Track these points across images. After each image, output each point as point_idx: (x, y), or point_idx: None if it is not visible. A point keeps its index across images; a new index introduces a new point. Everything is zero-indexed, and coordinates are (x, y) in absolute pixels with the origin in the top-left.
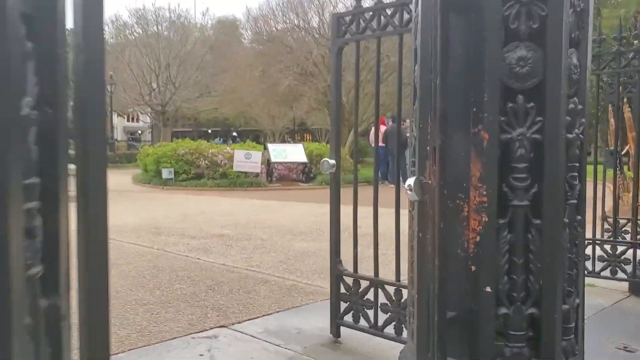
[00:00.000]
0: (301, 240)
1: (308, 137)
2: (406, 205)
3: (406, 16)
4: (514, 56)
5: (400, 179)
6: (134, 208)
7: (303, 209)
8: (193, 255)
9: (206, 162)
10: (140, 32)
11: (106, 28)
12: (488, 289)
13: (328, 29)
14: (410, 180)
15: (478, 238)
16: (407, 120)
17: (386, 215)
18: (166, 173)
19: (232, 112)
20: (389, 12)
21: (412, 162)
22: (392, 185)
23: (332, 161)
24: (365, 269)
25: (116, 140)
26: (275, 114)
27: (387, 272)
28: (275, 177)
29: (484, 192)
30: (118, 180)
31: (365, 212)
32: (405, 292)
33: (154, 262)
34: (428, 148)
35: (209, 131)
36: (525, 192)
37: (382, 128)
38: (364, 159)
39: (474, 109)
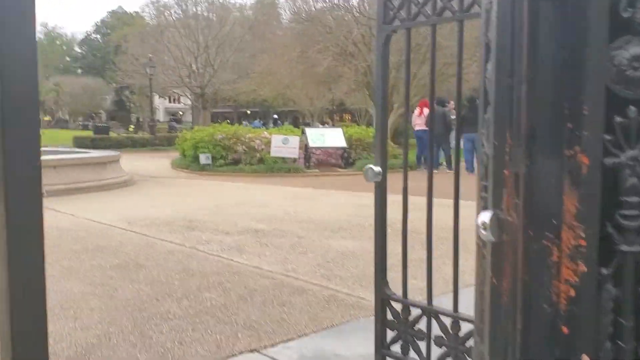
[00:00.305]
0: (340, 238)
1: (347, 117)
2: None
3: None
4: (625, 55)
5: (444, 163)
6: (170, 197)
7: (342, 199)
8: (226, 256)
9: (243, 147)
10: (180, 13)
11: (146, 9)
12: (585, 357)
13: (368, 7)
14: (485, 216)
15: (573, 292)
16: (452, 102)
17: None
18: (203, 158)
19: (270, 93)
20: None
21: (483, 187)
22: (436, 171)
23: (378, 168)
24: (413, 275)
25: (158, 121)
26: (314, 95)
27: (438, 282)
28: (313, 162)
29: (582, 234)
30: (157, 164)
31: (409, 202)
32: (464, 325)
33: (185, 263)
34: (506, 172)
35: (248, 112)
36: (637, 234)
37: (426, 111)
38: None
39: (570, 125)
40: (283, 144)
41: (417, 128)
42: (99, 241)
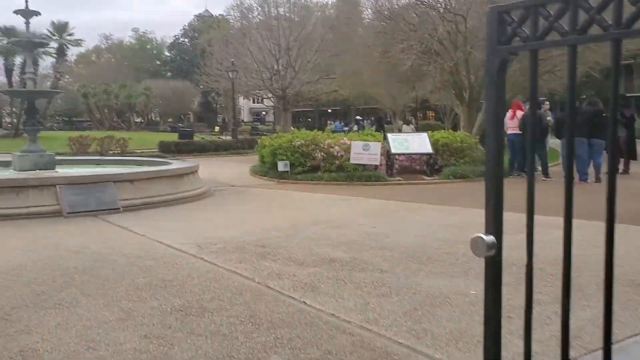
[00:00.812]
0: (430, 274)
1: (431, 115)
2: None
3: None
4: None
5: (539, 169)
6: (244, 213)
7: (429, 217)
8: (298, 297)
9: (322, 154)
10: (262, 16)
11: (231, 12)
12: None
13: (454, 3)
14: None
15: None
16: (547, 103)
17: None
18: (282, 166)
19: (352, 92)
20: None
21: None
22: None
23: (490, 238)
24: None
25: (242, 121)
26: (396, 93)
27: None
28: (396, 169)
29: None
30: (237, 171)
31: (511, 222)
32: None
33: (252, 308)
34: None
35: (329, 110)
36: None
37: (519, 113)
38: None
39: None
40: (363, 150)
41: (509, 132)
42: (165, 273)
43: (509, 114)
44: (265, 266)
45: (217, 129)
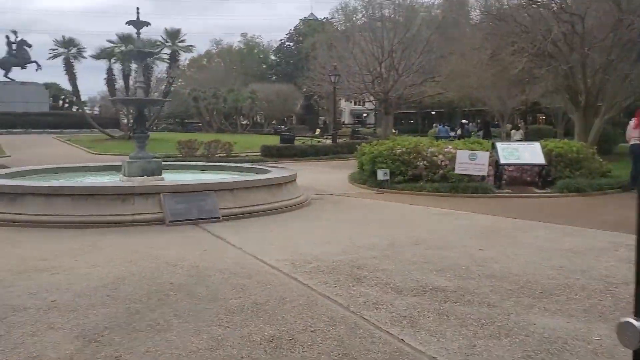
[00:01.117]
0: (544, 311)
1: (541, 119)
2: None
3: None
4: None
5: None
6: (341, 226)
7: (542, 238)
8: (395, 333)
9: (424, 162)
10: (367, 18)
11: (336, 15)
12: None
13: (571, 3)
14: None
15: None
16: None
17: None
18: (381, 174)
19: (457, 94)
20: None
21: None
22: None
23: None
24: None
25: (343, 123)
26: (505, 96)
27: None
28: (505, 180)
29: None
30: (335, 177)
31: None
32: None
33: (345, 344)
34: None
35: (433, 112)
36: None
37: None
38: (613, 150)
39: None
40: (470, 159)
41: (632, 142)
42: (258, 294)
43: (632, 122)
44: (361, 292)
45: (318, 131)
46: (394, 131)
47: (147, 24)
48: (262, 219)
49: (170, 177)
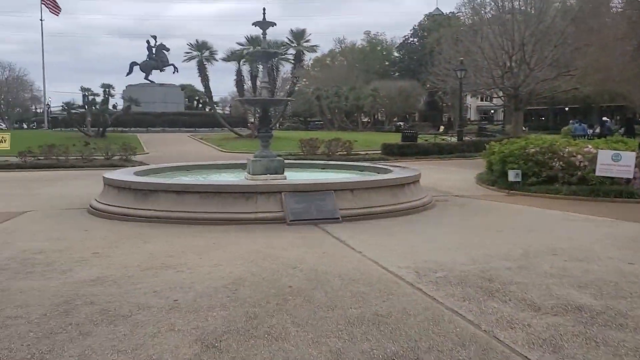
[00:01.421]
0: None
1: None
2: None
3: None
4: None
5: None
6: (469, 232)
7: None
8: (535, 359)
9: (560, 163)
10: (496, 9)
11: (462, 9)
12: None
13: None
14: None
15: None
16: None
17: None
18: (512, 175)
19: (594, 89)
20: None
21: None
22: None
23: None
24: None
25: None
26: None
27: None
28: None
29: None
30: (461, 177)
31: None
32: None
33: None
34: None
35: (566, 109)
36: None
37: None
38: None
39: None
40: (613, 160)
41: None
42: (379, 305)
43: None
44: (493, 308)
45: (442, 128)
46: (523, 128)
47: (273, 24)
48: (383, 221)
49: (292, 176)
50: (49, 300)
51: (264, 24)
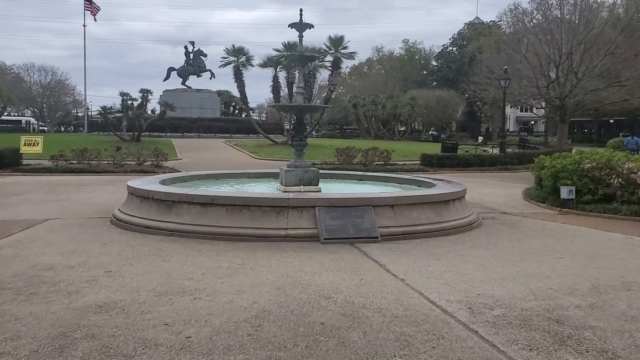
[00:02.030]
0: None
1: None
2: None
3: None
4: None
5: None
6: (522, 255)
7: None
8: None
9: (620, 180)
10: (540, 18)
11: (504, 17)
12: None
13: None
14: None
15: None
16: None
17: None
18: (565, 192)
19: None
20: None
21: None
22: None
23: None
24: None
25: (508, 130)
26: None
27: None
28: None
29: None
30: (506, 192)
31: None
32: None
33: None
34: None
35: (611, 121)
36: None
37: None
38: None
39: None
40: None
41: None
42: (429, 354)
43: None
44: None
45: (480, 138)
46: (567, 141)
47: (310, 26)
48: (426, 242)
49: (327, 188)
50: (44, 332)
51: (301, 26)
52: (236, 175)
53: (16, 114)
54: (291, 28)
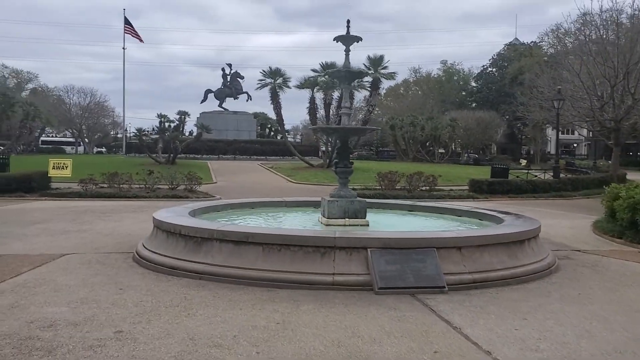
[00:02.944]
0: None
1: None
2: None
3: None
4: None
5: None
6: (631, 316)
7: None
8: None
9: None
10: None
11: (545, 38)
12: None
13: None
14: None
15: None
16: None
17: None
18: None
19: None
20: None
21: None
22: None
23: None
24: None
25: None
26: None
27: None
28: None
29: None
30: (570, 224)
31: None
32: None
33: None
34: None
35: None
36: None
37: None
38: None
39: None
40: None
41: None
42: None
43: None
44: None
45: (524, 162)
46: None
47: (358, 39)
48: (502, 292)
49: (375, 220)
50: None
51: (347, 39)
52: (273, 204)
53: (56, 135)
54: (337, 42)
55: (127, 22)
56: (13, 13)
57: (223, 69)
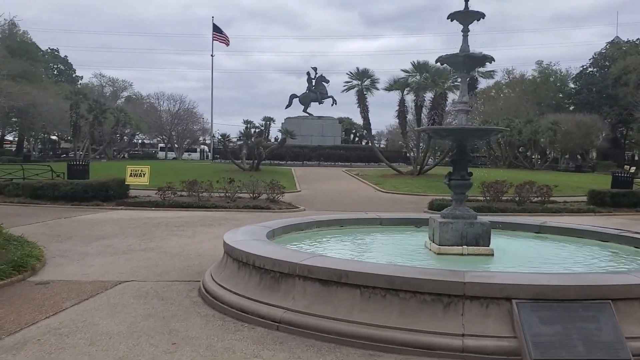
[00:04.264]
0: None
1: None
2: None
3: None
4: None
5: None
6: None
7: None
8: None
9: None
10: None
11: None
12: None
13: None
14: None
15: None
16: None
17: None
18: None
19: None
20: None
21: None
22: None
23: None
24: None
25: None
26: None
27: None
28: None
29: None
30: None
31: None
32: None
33: None
34: None
35: None
36: None
37: None
38: None
39: None
40: None
41: None
42: None
43: None
44: None
45: (631, 168)
46: None
47: (481, 15)
48: None
49: (498, 248)
50: None
51: (466, 16)
52: (366, 221)
53: (149, 140)
54: (451, 20)
55: (215, 28)
56: (114, 26)
57: (308, 73)
